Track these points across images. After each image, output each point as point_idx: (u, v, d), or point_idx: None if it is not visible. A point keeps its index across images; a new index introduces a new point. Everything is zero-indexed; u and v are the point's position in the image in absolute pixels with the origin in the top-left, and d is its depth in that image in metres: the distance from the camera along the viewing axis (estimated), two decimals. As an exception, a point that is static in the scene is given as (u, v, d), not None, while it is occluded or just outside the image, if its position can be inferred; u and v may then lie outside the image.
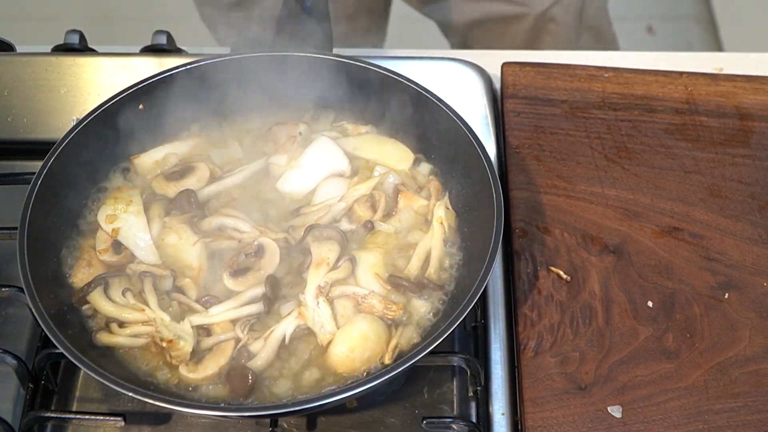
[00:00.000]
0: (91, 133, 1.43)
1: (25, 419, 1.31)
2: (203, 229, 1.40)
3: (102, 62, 1.71)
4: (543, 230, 1.51)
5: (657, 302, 1.44)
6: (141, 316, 1.30)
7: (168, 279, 1.35)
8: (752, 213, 1.55)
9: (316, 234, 1.38)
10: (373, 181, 1.45)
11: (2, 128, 1.66)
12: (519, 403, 1.35)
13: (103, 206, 1.42)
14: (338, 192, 1.45)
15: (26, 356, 1.37)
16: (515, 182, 1.58)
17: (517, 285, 1.45)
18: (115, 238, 1.38)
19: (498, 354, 1.39)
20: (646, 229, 1.53)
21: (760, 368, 1.37)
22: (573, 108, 1.68)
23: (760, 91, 1.70)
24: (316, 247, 1.36)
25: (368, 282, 1.34)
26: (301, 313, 1.30)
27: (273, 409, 1.22)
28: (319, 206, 1.43)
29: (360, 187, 1.44)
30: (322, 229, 1.38)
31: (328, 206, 1.42)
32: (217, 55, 1.52)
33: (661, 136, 1.65)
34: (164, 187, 1.45)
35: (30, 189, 1.34)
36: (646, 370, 1.36)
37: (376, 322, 1.30)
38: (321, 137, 1.50)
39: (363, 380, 1.20)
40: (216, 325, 1.31)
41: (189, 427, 1.34)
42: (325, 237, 1.38)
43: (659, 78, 1.72)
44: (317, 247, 1.36)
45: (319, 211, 1.42)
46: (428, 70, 1.69)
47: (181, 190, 1.43)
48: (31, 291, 1.24)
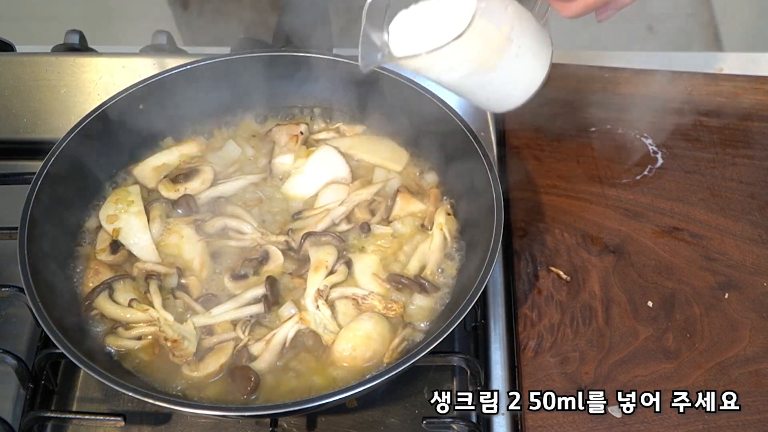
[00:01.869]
0: (91, 133, 1.43)
1: (25, 419, 1.30)
2: (206, 231, 1.41)
3: (102, 62, 1.71)
4: (543, 230, 1.51)
5: (657, 302, 1.44)
6: (145, 317, 1.31)
7: (173, 277, 1.36)
8: (752, 213, 1.55)
9: (313, 240, 1.38)
10: (374, 187, 1.46)
11: (2, 128, 1.66)
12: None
13: (104, 206, 1.42)
14: (339, 197, 1.45)
15: (26, 356, 1.37)
16: (515, 182, 1.57)
17: (517, 285, 1.45)
18: (116, 238, 1.38)
19: (498, 354, 1.39)
20: (646, 229, 1.52)
21: (760, 368, 1.37)
22: (573, 108, 1.68)
23: (760, 91, 1.70)
24: (314, 252, 1.37)
25: (368, 282, 1.35)
26: (302, 317, 1.31)
27: (273, 409, 1.22)
28: (320, 210, 1.43)
29: (361, 192, 1.44)
30: (319, 235, 1.39)
31: (327, 210, 1.43)
32: (217, 55, 1.52)
33: (661, 136, 1.64)
34: (170, 190, 1.45)
35: (30, 189, 1.34)
36: (646, 370, 1.36)
37: (381, 322, 1.30)
38: (325, 146, 1.50)
39: (363, 380, 1.20)
40: (217, 324, 1.32)
41: (189, 427, 1.34)
42: (322, 242, 1.39)
43: (659, 78, 1.72)
44: (315, 252, 1.37)
45: (320, 215, 1.43)
46: (428, 70, 1.68)
47: (185, 192, 1.45)
48: (31, 291, 1.24)
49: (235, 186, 1.47)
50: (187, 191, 1.45)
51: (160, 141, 1.52)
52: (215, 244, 1.40)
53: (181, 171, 1.47)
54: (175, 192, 1.45)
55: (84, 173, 1.44)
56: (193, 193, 1.45)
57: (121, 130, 1.47)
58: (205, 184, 1.46)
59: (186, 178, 1.46)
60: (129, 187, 1.46)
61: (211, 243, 1.40)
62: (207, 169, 1.47)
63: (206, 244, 1.39)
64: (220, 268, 1.38)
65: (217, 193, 1.46)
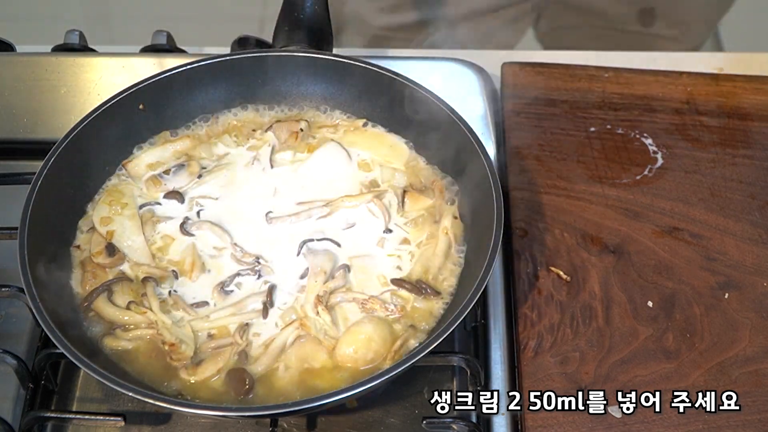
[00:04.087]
0: (91, 133, 1.43)
1: (25, 419, 1.30)
2: (195, 233, 1.41)
3: (102, 62, 1.71)
4: (543, 230, 1.51)
5: (657, 302, 1.44)
6: (144, 319, 1.31)
7: (170, 280, 1.36)
8: (752, 213, 1.55)
9: (310, 246, 1.38)
10: (379, 190, 1.45)
11: (2, 128, 1.66)
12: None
13: (97, 208, 1.42)
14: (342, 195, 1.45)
15: (26, 356, 1.37)
16: (515, 182, 1.57)
17: (517, 285, 1.45)
18: (110, 241, 1.38)
19: (498, 354, 1.39)
20: (646, 229, 1.52)
21: (760, 368, 1.37)
22: (573, 108, 1.68)
23: (760, 91, 1.70)
24: (312, 258, 1.37)
25: (369, 286, 1.35)
26: (302, 323, 1.31)
27: (273, 409, 1.22)
28: (323, 210, 1.43)
29: (367, 196, 1.44)
30: (317, 242, 1.39)
31: (331, 209, 1.43)
32: (217, 55, 1.52)
33: (661, 136, 1.64)
34: (155, 188, 1.45)
35: (30, 189, 1.34)
36: (646, 370, 1.36)
37: (381, 325, 1.30)
38: (330, 142, 1.50)
39: (363, 380, 1.20)
40: (215, 329, 1.32)
41: (189, 427, 1.34)
42: (320, 248, 1.39)
43: (659, 78, 1.72)
44: (313, 258, 1.37)
45: (324, 213, 1.42)
46: (428, 70, 1.68)
47: (170, 190, 1.44)
48: (31, 291, 1.24)
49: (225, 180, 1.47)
50: (175, 188, 1.45)
51: (160, 141, 1.51)
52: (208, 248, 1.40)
53: (166, 168, 1.47)
54: (160, 190, 1.44)
55: (84, 173, 1.44)
56: (180, 189, 1.45)
57: (121, 130, 1.47)
58: (191, 179, 1.46)
59: (173, 174, 1.46)
60: (122, 186, 1.46)
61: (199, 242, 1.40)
62: (193, 164, 1.47)
63: (194, 245, 1.39)
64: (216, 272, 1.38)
65: (206, 190, 1.46)
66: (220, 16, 3.68)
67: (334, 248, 1.39)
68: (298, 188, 1.46)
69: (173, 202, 1.44)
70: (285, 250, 1.39)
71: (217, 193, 1.46)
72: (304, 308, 1.33)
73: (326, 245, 1.39)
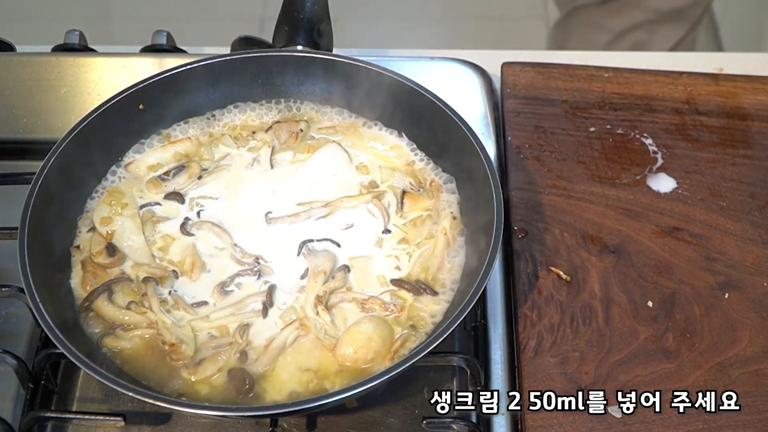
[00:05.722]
0: (91, 133, 1.43)
1: (25, 419, 1.30)
2: (195, 233, 1.41)
3: (102, 62, 1.71)
4: (543, 230, 1.51)
5: (657, 302, 1.44)
6: (144, 319, 1.31)
7: (170, 280, 1.36)
8: (752, 213, 1.55)
9: (310, 247, 1.39)
10: (378, 191, 1.45)
11: (2, 128, 1.66)
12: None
13: (98, 208, 1.42)
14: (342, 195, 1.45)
15: (26, 356, 1.37)
16: (515, 182, 1.58)
17: (517, 285, 1.45)
18: (110, 241, 1.38)
19: (498, 354, 1.39)
20: (646, 229, 1.52)
21: (760, 368, 1.37)
22: (573, 108, 1.68)
23: (760, 91, 1.70)
24: (312, 258, 1.37)
25: (368, 286, 1.35)
26: (303, 323, 1.31)
27: (273, 409, 1.22)
28: (322, 210, 1.43)
29: (366, 197, 1.44)
30: (317, 242, 1.39)
31: (330, 209, 1.43)
32: (217, 55, 1.52)
33: (661, 136, 1.65)
34: (155, 189, 1.45)
35: (30, 189, 1.34)
36: (646, 370, 1.36)
37: (381, 325, 1.30)
38: (330, 143, 1.50)
39: (363, 380, 1.20)
40: (216, 329, 1.32)
41: (189, 427, 1.34)
42: (320, 248, 1.39)
43: (659, 78, 1.72)
44: (313, 258, 1.37)
45: (324, 214, 1.42)
46: (428, 70, 1.69)
47: (170, 191, 1.44)
48: (31, 291, 1.24)
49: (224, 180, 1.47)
50: (175, 188, 1.45)
51: (159, 139, 1.52)
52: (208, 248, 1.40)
53: (170, 168, 1.47)
54: (161, 191, 1.45)
55: (84, 173, 1.44)
56: (180, 190, 1.45)
57: (121, 130, 1.47)
58: (191, 180, 1.46)
59: (173, 175, 1.46)
60: (123, 186, 1.46)
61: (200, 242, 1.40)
62: (193, 165, 1.47)
63: (195, 245, 1.39)
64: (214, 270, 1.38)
65: (207, 191, 1.46)
66: (220, 16, 3.68)
67: (334, 248, 1.39)
68: (298, 189, 1.47)
69: (173, 203, 1.44)
70: (285, 251, 1.39)
71: (217, 194, 1.46)
72: (304, 308, 1.33)
73: (326, 245, 1.40)
